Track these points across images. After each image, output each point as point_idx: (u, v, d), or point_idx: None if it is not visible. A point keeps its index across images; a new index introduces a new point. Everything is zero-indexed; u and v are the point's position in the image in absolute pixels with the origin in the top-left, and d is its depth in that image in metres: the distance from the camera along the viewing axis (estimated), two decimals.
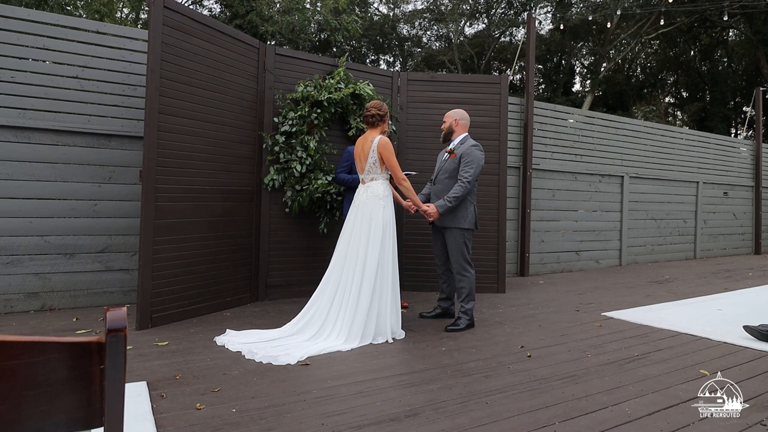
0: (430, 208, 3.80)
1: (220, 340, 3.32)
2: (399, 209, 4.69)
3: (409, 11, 23.15)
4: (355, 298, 3.40)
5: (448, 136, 4.05)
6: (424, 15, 22.77)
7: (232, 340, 3.28)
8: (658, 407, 2.36)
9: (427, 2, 22.45)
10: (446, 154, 4.02)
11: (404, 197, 4.01)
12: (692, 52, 24.00)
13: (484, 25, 23.35)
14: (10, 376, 0.77)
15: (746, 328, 3.60)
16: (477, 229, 4.04)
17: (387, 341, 3.41)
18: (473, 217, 3.90)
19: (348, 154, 4.40)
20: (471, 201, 3.89)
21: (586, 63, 25.32)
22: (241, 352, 3.08)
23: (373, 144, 3.58)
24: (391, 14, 23.26)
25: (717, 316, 4.33)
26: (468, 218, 3.86)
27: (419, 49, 24.16)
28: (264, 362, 2.91)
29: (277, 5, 13.04)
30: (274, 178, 4.55)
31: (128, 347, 3.05)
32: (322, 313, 3.45)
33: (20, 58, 3.97)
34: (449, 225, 3.87)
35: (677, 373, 2.85)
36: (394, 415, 2.22)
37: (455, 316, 3.96)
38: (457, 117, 4.04)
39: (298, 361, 2.93)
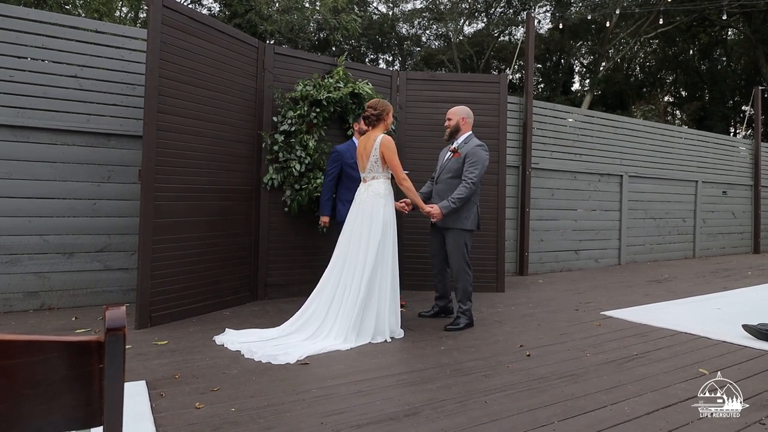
0: (434, 209, 3.74)
1: (219, 339, 3.32)
2: None
3: (408, 10, 23.11)
4: (354, 297, 3.40)
5: (454, 134, 3.98)
6: (423, 14, 22.74)
7: (232, 339, 3.28)
8: (657, 406, 2.36)
9: (426, 1, 22.43)
10: (449, 153, 3.96)
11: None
12: (691, 52, 24.00)
13: (483, 24, 23.35)
14: (9, 375, 0.76)
15: (745, 327, 3.60)
16: (479, 230, 4.01)
17: (386, 340, 3.41)
18: (476, 218, 3.87)
19: (336, 154, 4.30)
20: (475, 201, 3.86)
21: (585, 62, 25.33)
22: (240, 351, 3.08)
23: (376, 143, 3.58)
24: (390, 13, 23.22)
25: (716, 315, 4.33)
26: (471, 219, 3.83)
27: (418, 48, 24.15)
28: (263, 361, 2.91)
29: (276, 4, 13.02)
30: (273, 177, 4.55)
31: (127, 346, 3.04)
32: (321, 312, 3.44)
33: (19, 58, 3.96)
34: (451, 225, 3.83)
35: (676, 372, 2.85)
36: (393, 414, 2.22)
37: (454, 315, 3.96)
38: (464, 115, 3.97)
39: (298, 361, 2.93)
